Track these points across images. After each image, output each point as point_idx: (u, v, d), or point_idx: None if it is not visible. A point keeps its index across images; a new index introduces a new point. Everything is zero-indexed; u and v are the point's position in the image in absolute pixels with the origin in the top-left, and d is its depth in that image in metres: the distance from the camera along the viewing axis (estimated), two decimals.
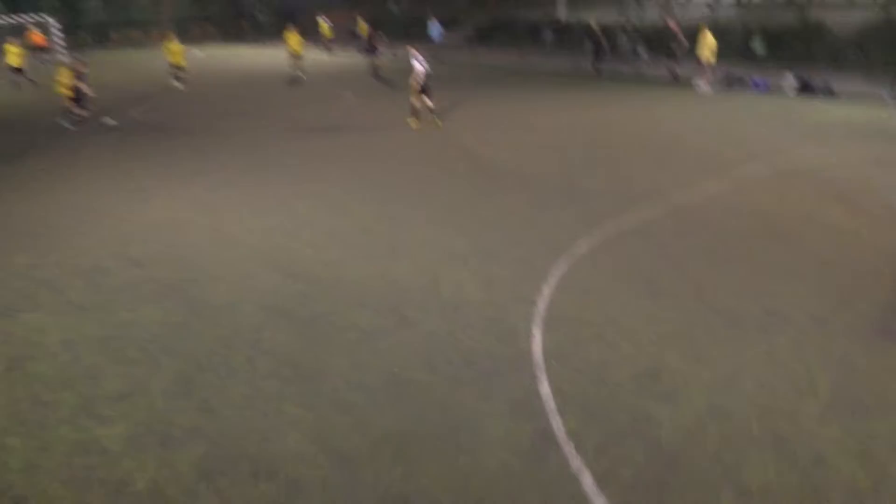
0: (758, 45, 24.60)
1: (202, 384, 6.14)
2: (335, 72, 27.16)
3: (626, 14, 32.58)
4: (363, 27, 33.82)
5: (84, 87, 17.57)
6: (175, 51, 24.25)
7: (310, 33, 28.85)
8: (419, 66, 15.46)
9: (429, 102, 15.81)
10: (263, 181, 12.40)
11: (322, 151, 14.50)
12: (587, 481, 4.79)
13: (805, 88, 19.89)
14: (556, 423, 5.40)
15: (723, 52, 21.40)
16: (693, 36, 21.46)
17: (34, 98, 23.18)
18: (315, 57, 29.93)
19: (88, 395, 6.03)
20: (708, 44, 20.48)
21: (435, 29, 29.91)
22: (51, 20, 35.40)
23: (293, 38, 24.92)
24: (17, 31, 33.68)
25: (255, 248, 9.23)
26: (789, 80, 20.17)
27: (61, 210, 11.24)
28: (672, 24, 22.33)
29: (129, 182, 12.71)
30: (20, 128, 18.32)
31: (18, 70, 24.80)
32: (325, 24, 34.47)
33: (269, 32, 42.57)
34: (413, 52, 15.84)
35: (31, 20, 34.54)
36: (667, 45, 22.25)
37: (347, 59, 32.57)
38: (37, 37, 33.89)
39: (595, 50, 24.25)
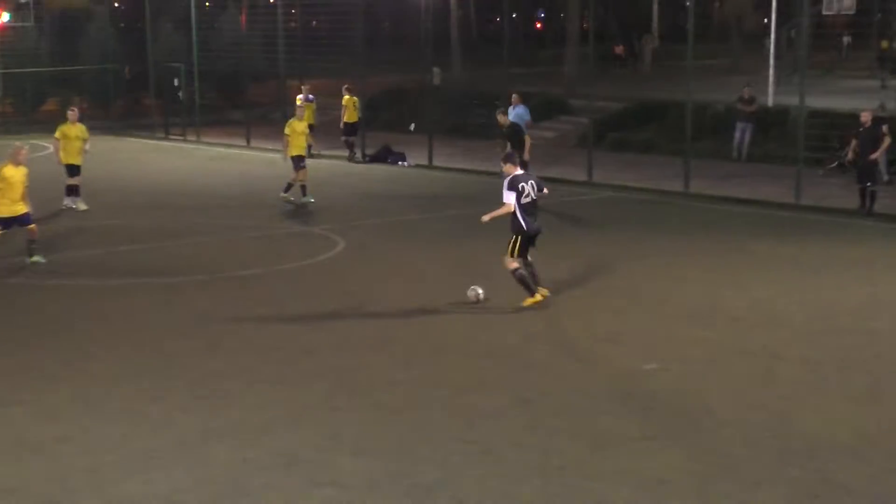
0: None
1: None
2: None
3: None
4: (350, 105, 27.22)
5: None
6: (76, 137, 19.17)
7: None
8: (511, 199, 11.81)
9: (528, 259, 12.33)
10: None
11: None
12: None
13: None
14: None
15: None
16: None
17: None
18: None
19: None
20: None
21: (516, 111, 22.38)
22: None
23: (299, 129, 20.25)
24: None
25: None
26: None
27: None
28: None
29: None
30: None
31: None
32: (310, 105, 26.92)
33: (199, 114, 33.03)
34: (509, 167, 12.16)
35: None
36: None
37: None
38: None
39: (862, 167, 19.23)
